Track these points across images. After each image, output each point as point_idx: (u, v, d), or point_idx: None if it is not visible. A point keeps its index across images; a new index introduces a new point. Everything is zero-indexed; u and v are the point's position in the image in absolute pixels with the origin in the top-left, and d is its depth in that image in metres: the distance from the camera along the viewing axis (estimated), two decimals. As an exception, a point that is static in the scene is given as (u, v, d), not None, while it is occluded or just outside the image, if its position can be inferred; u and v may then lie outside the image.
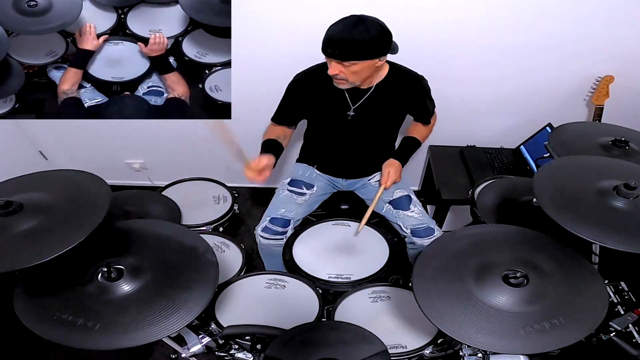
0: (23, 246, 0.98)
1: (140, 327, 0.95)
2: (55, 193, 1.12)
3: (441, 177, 2.13)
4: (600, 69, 1.95)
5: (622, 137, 1.42)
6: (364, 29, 1.36)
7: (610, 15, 1.77)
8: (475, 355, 1.21)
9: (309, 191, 1.79)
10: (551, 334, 0.93)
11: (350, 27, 1.36)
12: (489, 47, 1.90)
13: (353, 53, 1.38)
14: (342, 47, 1.37)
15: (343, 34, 1.36)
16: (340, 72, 1.44)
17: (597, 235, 1.01)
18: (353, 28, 1.36)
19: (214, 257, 1.11)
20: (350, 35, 1.35)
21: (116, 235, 1.17)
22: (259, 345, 1.29)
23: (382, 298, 1.49)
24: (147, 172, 2.57)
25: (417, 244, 1.69)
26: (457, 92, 2.05)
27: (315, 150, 1.86)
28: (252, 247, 1.88)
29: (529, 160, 2.09)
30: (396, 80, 1.60)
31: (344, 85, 1.50)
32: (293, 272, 1.58)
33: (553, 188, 1.15)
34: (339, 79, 1.47)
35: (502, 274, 1.03)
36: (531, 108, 2.13)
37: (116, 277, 1.02)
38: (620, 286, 1.35)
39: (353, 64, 1.40)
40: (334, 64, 1.43)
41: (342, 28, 1.37)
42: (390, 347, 1.26)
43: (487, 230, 1.25)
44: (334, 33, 1.38)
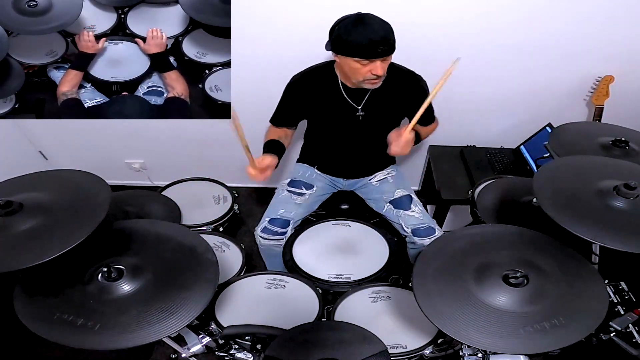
0: (23, 246, 0.98)
1: (140, 327, 0.95)
2: (55, 193, 1.12)
3: (441, 177, 2.13)
4: (600, 69, 1.95)
5: (622, 137, 1.42)
6: (383, 21, 1.40)
7: (610, 15, 1.77)
8: (475, 355, 1.21)
9: (309, 191, 1.79)
10: (551, 334, 0.93)
11: (378, 22, 1.39)
12: (489, 47, 1.90)
13: (393, 45, 1.42)
14: (386, 43, 1.39)
15: (380, 31, 1.38)
16: (385, 70, 1.45)
17: (597, 235, 1.01)
18: (380, 23, 1.39)
19: (214, 257, 1.11)
20: (385, 29, 1.39)
21: (116, 235, 1.17)
22: (259, 345, 1.29)
23: (382, 298, 1.49)
24: (147, 172, 2.57)
25: (417, 244, 1.69)
26: (457, 92, 2.05)
27: (316, 151, 1.86)
28: (252, 247, 1.88)
29: (529, 160, 2.09)
30: (395, 79, 1.60)
31: (378, 84, 1.51)
32: (293, 272, 1.58)
33: (553, 188, 1.15)
34: (380, 77, 1.47)
35: (502, 274, 1.03)
36: (531, 108, 2.13)
37: (116, 277, 1.02)
38: (620, 286, 1.35)
39: (389, 57, 1.44)
40: (379, 63, 1.42)
41: (375, 26, 1.38)
42: (390, 347, 1.26)
43: (487, 230, 1.25)
44: (371, 33, 1.37)
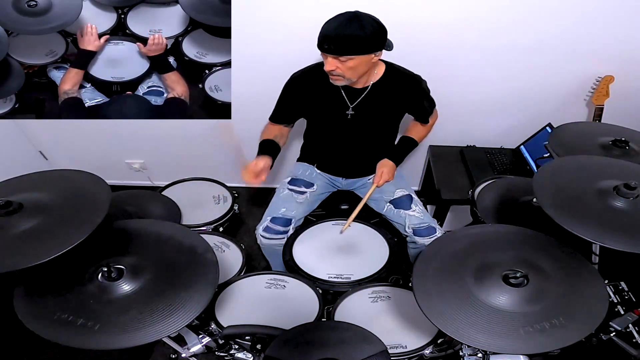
0: (23, 246, 0.98)
1: (140, 327, 0.95)
2: (55, 193, 1.12)
3: (441, 177, 2.13)
4: (600, 69, 1.95)
5: (622, 137, 1.42)
6: (358, 24, 1.37)
7: (610, 15, 1.77)
8: (475, 355, 1.21)
9: (309, 190, 1.79)
10: (551, 334, 0.93)
11: (346, 22, 1.37)
12: (489, 47, 1.90)
13: (349, 48, 1.39)
14: (338, 42, 1.38)
15: (339, 29, 1.37)
16: (337, 68, 1.45)
17: (597, 235, 1.01)
18: (349, 23, 1.37)
19: (214, 257, 1.11)
20: (345, 30, 1.37)
21: (116, 235, 1.17)
22: (259, 345, 1.29)
23: (382, 298, 1.49)
24: (147, 172, 2.57)
25: (418, 243, 1.69)
26: (457, 92, 2.05)
27: (315, 149, 1.86)
28: (252, 247, 1.88)
29: (529, 160, 2.09)
30: (392, 80, 1.60)
31: (340, 81, 1.50)
32: (293, 272, 1.58)
33: (553, 188, 1.15)
34: (335, 75, 1.47)
35: (502, 274, 1.03)
36: (531, 108, 2.13)
37: (116, 277, 1.02)
38: (620, 286, 1.35)
39: (349, 59, 1.41)
40: (330, 59, 1.43)
41: (338, 24, 1.38)
42: (390, 347, 1.26)
43: (487, 230, 1.25)
44: (329, 29, 1.39)
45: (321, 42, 1.40)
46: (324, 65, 1.46)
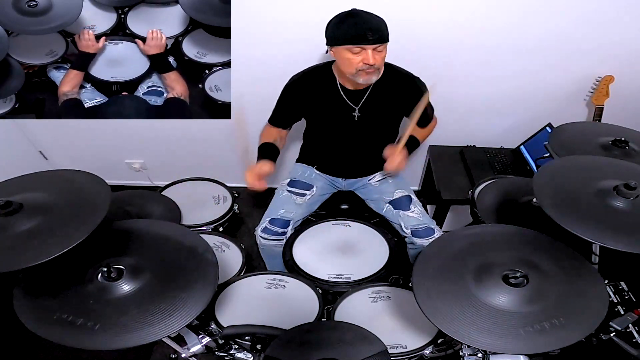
0: (23, 246, 0.98)
1: (140, 327, 0.95)
2: (55, 193, 1.12)
3: (441, 177, 2.13)
4: (600, 69, 1.95)
5: (622, 137, 1.42)
6: (375, 15, 1.42)
7: (611, 15, 1.77)
8: (475, 355, 1.21)
9: (309, 192, 1.79)
10: (551, 334, 0.93)
11: (369, 14, 1.42)
12: (489, 47, 1.90)
13: (385, 35, 1.43)
14: (379, 30, 1.40)
15: (373, 18, 1.41)
16: (377, 61, 1.45)
17: (597, 235, 1.01)
18: (371, 15, 1.42)
19: (214, 257, 1.11)
20: (376, 20, 1.41)
21: (116, 235, 1.17)
22: (259, 345, 1.29)
23: (382, 298, 1.49)
24: (147, 172, 2.57)
25: (417, 244, 1.69)
26: (457, 92, 2.05)
27: (315, 151, 1.86)
28: (252, 247, 1.88)
29: (529, 160, 2.09)
30: (392, 80, 1.60)
31: (375, 76, 1.50)
32: (293, 272, 1.58)
33: (553, 188, 1.15)
34: (375, 68, 1.46)
35: (502, 274, 1.03)
36: (531, 108, 2.13)
37: (116, 277, 1.02)
38: (620, 286, 1.34)
39: (384, 47, 1.44)
40: (371, 52, 1.42)
41: (367, 15, 1.42)
42: (390, 347, 1.26)
43: (487, 230, 1.25)
44: (367, 20, 1.40)
45: (362, 35, 1.38)
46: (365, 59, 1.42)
